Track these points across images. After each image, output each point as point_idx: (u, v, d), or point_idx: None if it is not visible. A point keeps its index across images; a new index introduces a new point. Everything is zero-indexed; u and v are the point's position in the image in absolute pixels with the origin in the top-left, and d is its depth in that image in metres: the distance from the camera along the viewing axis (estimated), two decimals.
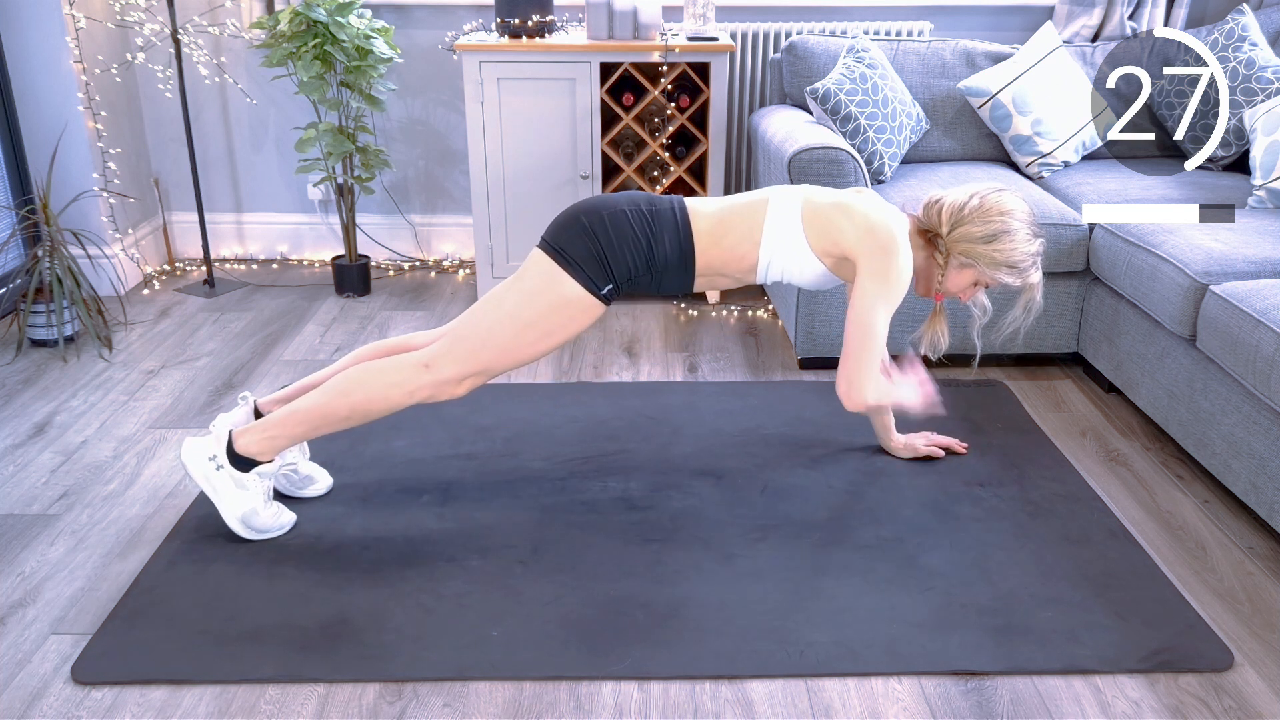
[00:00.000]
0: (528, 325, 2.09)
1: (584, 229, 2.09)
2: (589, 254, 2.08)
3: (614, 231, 2.09)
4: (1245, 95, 3.07)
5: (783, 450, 2.54)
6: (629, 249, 2.10)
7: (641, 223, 2.11)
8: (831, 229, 2.12)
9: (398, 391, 2.09)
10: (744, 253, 2.16)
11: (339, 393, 2.09)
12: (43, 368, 3.00)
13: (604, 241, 2.09)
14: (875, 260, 2.08)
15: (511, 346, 2.10)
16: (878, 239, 2.08)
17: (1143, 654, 1.85)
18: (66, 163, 3.36)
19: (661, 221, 2.12)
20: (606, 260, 2.09)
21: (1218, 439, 2.29)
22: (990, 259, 2.15)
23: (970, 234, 2.15)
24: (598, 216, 2.10)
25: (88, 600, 2.00)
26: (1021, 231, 2.15)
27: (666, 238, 2.12)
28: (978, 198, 2.17)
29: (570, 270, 2.08)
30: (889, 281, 2.08)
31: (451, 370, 2.09)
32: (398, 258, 3.96)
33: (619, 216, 2.10)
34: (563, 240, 2.10)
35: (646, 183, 3.41)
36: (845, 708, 1.75)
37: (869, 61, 3.09)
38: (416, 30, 3.67)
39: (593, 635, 1.89)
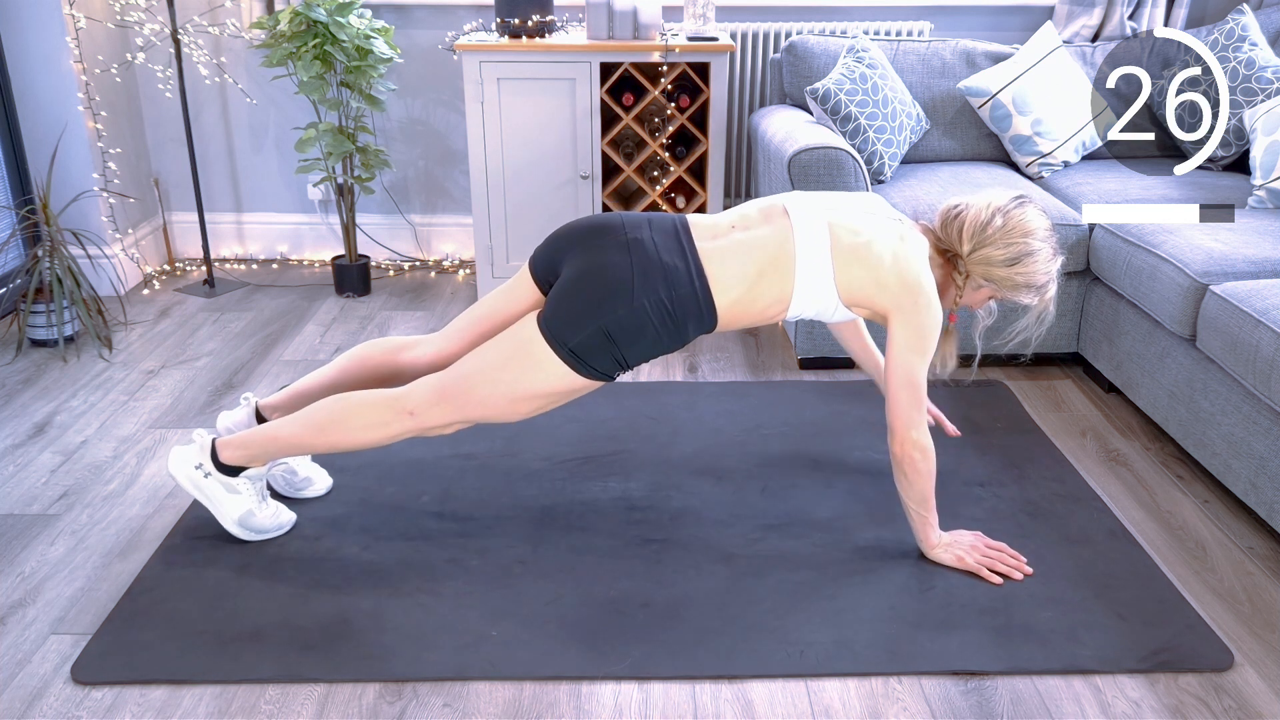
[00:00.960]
0: (525, 399, 2.00)
1: (602, 335, 1.92)
2: (608, 359, 1.96)
3: (635, 335, 1.94)
4: (1245, 95, 3.07)
5: (783, 450, 2.54)
6: (649, 346, 1.97)
7: (662, 316, 1.94)
8: (862, 287, 2.00)
9: (379, 434, 2.03)
10: (773, 314, 2.04)
11: (317, 428, 2.03)
12: (43, 368, 3.00)
13: (623, 346, 1.95)
14: (908, 317, 1.98)
15: (505, 412, 2.02)
16: (911, 298, 1.98)
17: (1143, 654, 1.85)
18: (66, 163, 3.36)
19: (683, 308, 1.95)
20: (624, 361, 1.98)
21: (1218, 439, 2.29)
22: (1011, 281, 2.05)
23: (991, 257, 2.03)
24: (615, 319, 1.92)
25: (88, 600, 2.00)
26: (1044, 251, 2.05)
27: (689, 325, 1.98)
28: (1000, 216, 2.04)
29: (582, 371, 1.96)
30: (923, 335, 1.98)
31: (437, 420, 2.02)
32: (398, 258, 3.96)
33: (640, 316, 1.92)
34: (575, 341, 1.93)
35: (646, 183, 3.41)
36: (845, 708, 1.75)
37: (869, 61, 3.09)
38: (416, 30, 3.67)
39: (593, 635, 1.89)
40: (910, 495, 2.05)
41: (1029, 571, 2.06)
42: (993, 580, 2.03)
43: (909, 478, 2.01)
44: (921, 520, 2.08)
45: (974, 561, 2.06)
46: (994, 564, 2.06)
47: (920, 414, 1.99)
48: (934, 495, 2.06)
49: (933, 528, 2.09)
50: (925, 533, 2.09)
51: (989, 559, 2.07)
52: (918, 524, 2.09)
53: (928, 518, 2.07)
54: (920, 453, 1.99)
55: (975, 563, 2.06)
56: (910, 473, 2.01)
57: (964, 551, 2.08)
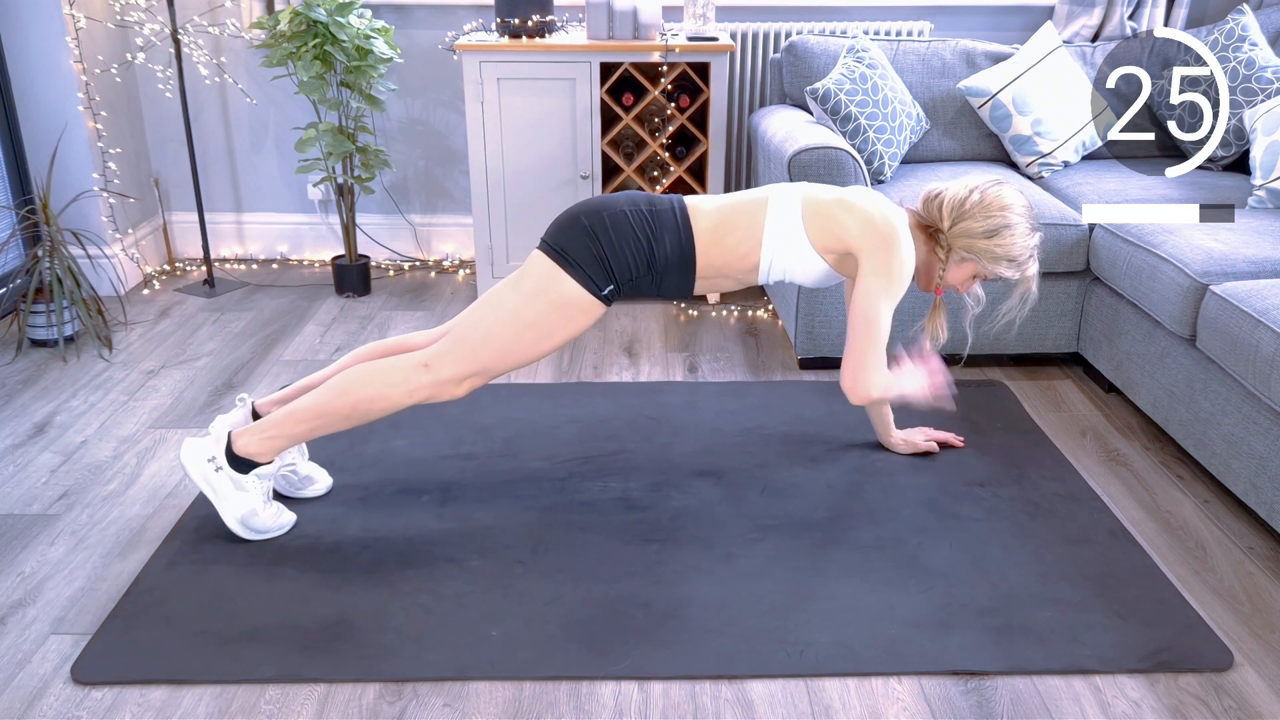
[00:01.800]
0: (528, 325, 2.09)
1: (584, 230, 2.09)
2: (590, 254, 2.08)
3: (614, 232, 2.09)
4: (1245, 95, 3.07)
5: (783, 450, 2.54)
6: (629, 249, 2.10)
7: (642, 223, 2.11)
8: (833, 225, 2.13)
9: (397, 391, 2.09)
10: (745, 251, 2.16)
11: (338, 391, 2.09)
12: (43, 368, 3.00)
13: (604, 242, 2.09)
14: (877, 254, 2.10)
15: (511, 347, 2.10)
16: (879, 233, 2.10)
17: (1143, 654, 1.85)
18: (66, 163, 3.36)
19: (662, 221, 2.12)
20: (607, 260, 2.09)
21: (1218, 439, 2.29)
22: (991, 253, 2.16)
23: (971, 229, 2.16)
24: (598, 217, 2.10)
25: (88, 600, 2.00)
26: (1021, 225, 2.17)
27: (667, 238, 2.12)
28: (978, 192, 2.18)
29: (571, 271, 2.08)
30: (891, 275, 2.09)
31: (451, 370, 2.09)
32: (398, 258, 3.96)
33: (619, 217, 2.11)
34: (563, 241, 2.10)
35: (646, 183, 3.41)
36: (845, 708, 1.75)
37: (869, 61, 3.09)
38: (416, 30, 3.67)
39: (593, 635, 1.89)
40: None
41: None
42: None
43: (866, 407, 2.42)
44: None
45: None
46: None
47: (873, 355, 2.11)
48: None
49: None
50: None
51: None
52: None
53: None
54: (862, 400, 2.16)
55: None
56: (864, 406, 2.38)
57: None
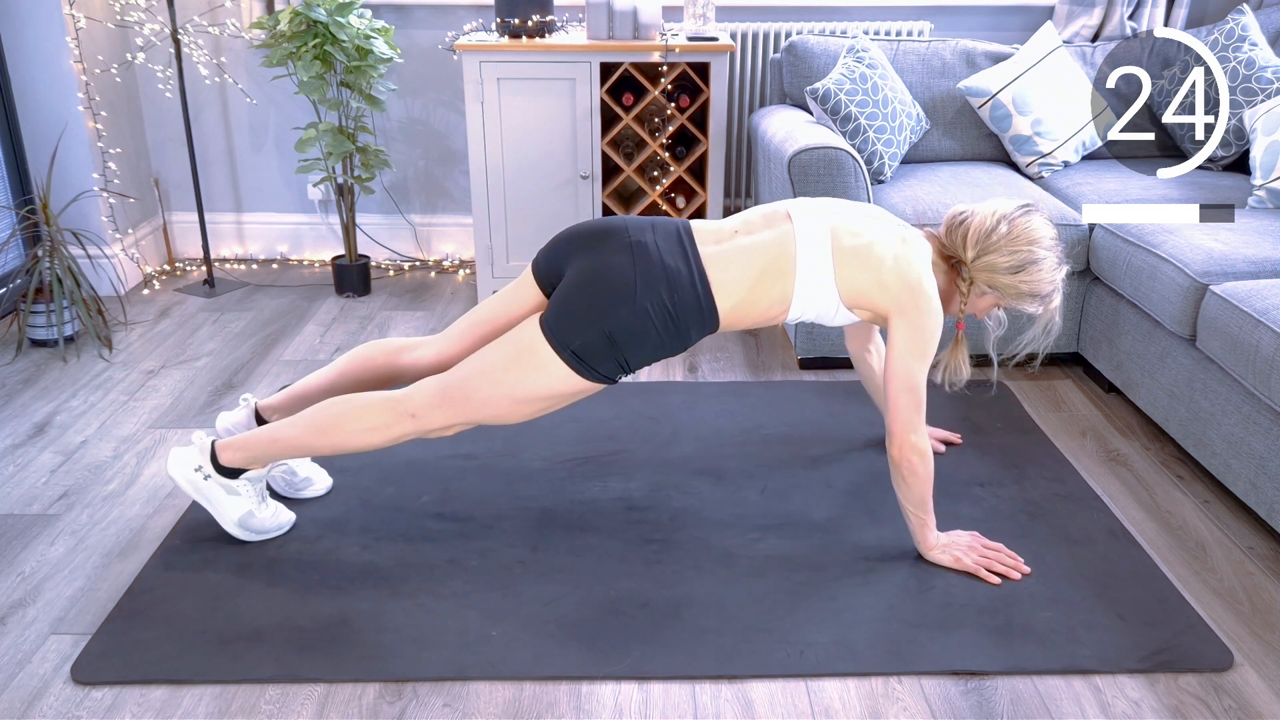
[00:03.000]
0: (527, 401, 2.00)
1: (604, 338, 1.93)
2: (611, 362, 1.96)
3: (637, 338, 1.94)
4: (1245, 95, 3.07)
5: (783, 450, 2.54)
6: (651, 349, 1.98)
7: (664, 319, 1.95)
8: (863, 288, 2.01)
9: (379, 438, 2.03)
10: (774, 315, 2.05)
11: (318, 430, 2.03)
12: (43, 368, 3.00)
13: (625, 349, 1.95)
14: (909, 320, 1.99)
15: (506, 414, 2.03)
16: (913, 300, 1.98)
17: (1143, 654, 1.85)
18: (66, 163, 3.35)
19: (685, 311, 1.96)
20: (627, 364, 1.98)
21: (1218, 439, 2.29)
22: (1015, 290, 2.05)
23: (995, 264, 2.04)
24: (618, 322, 1.92)
25: (88, 600, 2.00)
26: (1048, 260, 2.05)
27: (691, 328, 1.98)
28: (1005, 223, 2.04)
29: (584, 374, 1.96)
30: (924, 340, 1.99)
31: (439, 422, 2.03)
32: (398, 258, 3.96)
33: (642, 318, 1.93)
34: (577, 344, 1.93)
35: (646, 183, 3.41)
36: (845, 708, 1.75)
37: (869, 61, 3.09)
38: (416, 30, 3.67)
39: (593, 635, 1.89)
40: (908, 498, 2.05)
41: (1027, 571, 2.06)
42: (991, 580, 2.03)
43: (907, 481, 2.02)
44: (919, 522, 2.08)
45: (971, 562, 2.06)
46: (991, 564, 2.06)
47: (919, 418, 1.99)
48: (931, 497, 2.06)
49: (930, 529, 2.09)
50: (923, 534, 2.09)
51: (986, 559, 2.07)
52: (915, 526, 2.09)
53: (925, 520, 2.08)
54: (919, 457, 1.99)
55: (973, 564, 2.06)
56: (909, 476, 2.01)
57: (961, 552, 2.08)
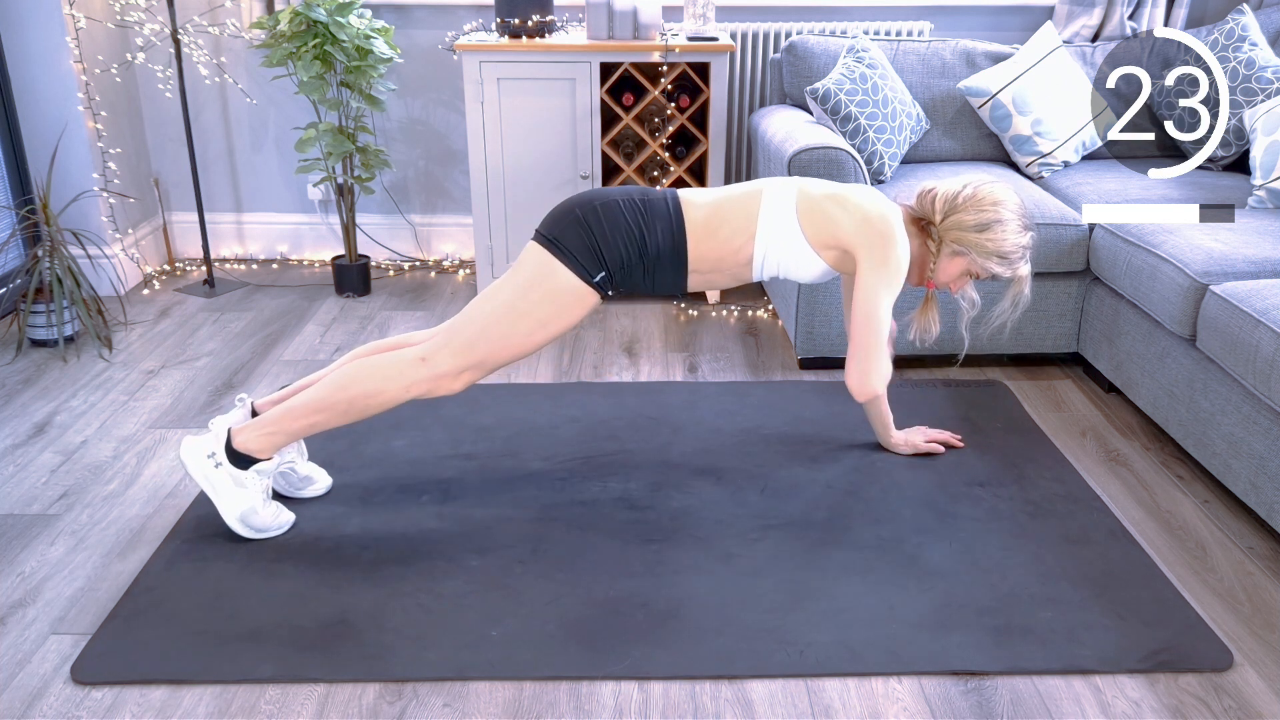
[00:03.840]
0: (523, 315, 2.11)
1: (577, 219, 2.12)
2: (582, 243, 2.11)
3: (607, 221, 2.12)
4: (1245, 95, 3.07)
5: (783, 450, 2.54)
6: (621, 237, 2.13)
7: (634, 212, 2.14)
8: (828, 222, 2.16)
9: (394, 385, 2.10)
10: (739, 245, 2.18)
11: (336, 387, 2.11)
12: (43, 368, 3.00)
13: (597, 231, 2.12)
14: (874, 250, 2.13)
15: (507, 338, 2.11)
16: (875, 228, 2.13)
17: (1143, 654, 1.85)
18: (66, 163, 3.36)
19: (654, 211, 2.16)
20: (599, 249, 2.12)
21: (1218, 439, 2.29)
22: (982, 248, 2.19)
23: (962, 222, 2.18)
24: (591, 207, 2.14)
25: (88, 600, 2.00)
26: (1013, 222, 2.20)
27: (659, 227, 2.15)
28: (970, 187, 2.21)
29: (564, 259, 2.11)
30: (889, 270, 2.13)
31: (448, 363, 2.10)
32: (398, 258, 3.96)
33: (612, 206, 2.14)
34: (556, 231, 2.13)
35: (646, 183, 3.41)
36: (845, 708, 1.75)
37: (869, 61, 3.09)
38: (416, 30, 3.67)
39: (592, 635, 1.89)
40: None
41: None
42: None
43: (864, 404, 2.35)
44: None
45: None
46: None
47: (879, 350, 2.17)
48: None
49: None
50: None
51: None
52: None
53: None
54: (875, 388, 2.22)
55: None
56: (866, 401, 2.32)
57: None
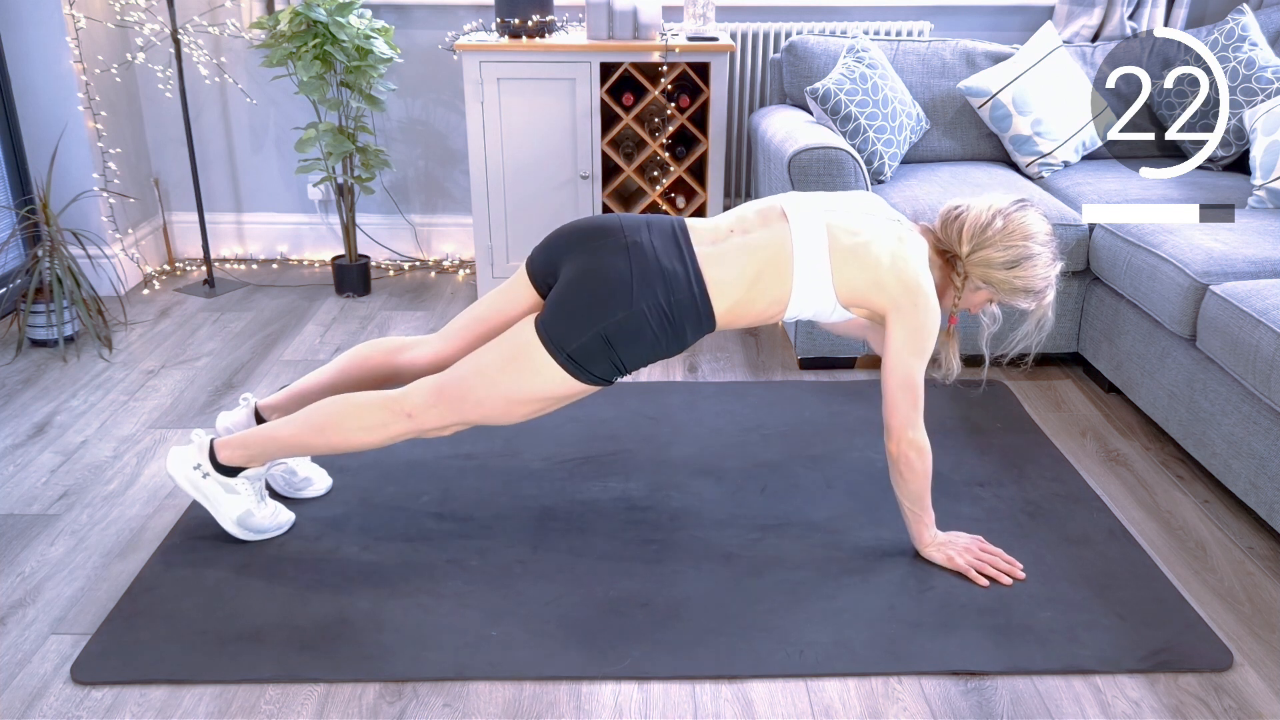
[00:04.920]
0: (522, 402, 1.99)
1: (600, 339, 1.92)
2: (606, 363, 1.95)
3: (633, 339, 1.93)
4: (1245, 95, 3.07)
5: (783, 450, 2.54)
6: (647, 351, 1.96)
7: (661, 320, 1.93)
8: (860, 287, 1.99)
9: (375, 437, 2.04)
10: (771, 315, 2.04)
11: (317, 429, 2.03)
12: (43, 368, 3.00)
13: (621, 351, 1.94)
14: (906, 317, 1.97)
15: (502, 415, 2.02)
16: (909, 298, 1.97)
17: (1143, 654, 1.85)
18: (66, 163, 3.35)
19: (681, 312, 1.94)
20: (622, 365, 1.97)
21: (1218, 439, 2.29)
22: (1009, 285, 2.04)
23: (990, 259, 2.03)
24: (614, 324, 1.91)
25: (88, 600, 2.00)
26: (1043, 256, 2.04)
27: (688, 328, 1.97)
28: (1001, 218, 2.03)
29: (580, 376, 1.96)
30: (922, 336, 1.98)
31: (434, 421, 2.02)
32: (398, 258, 3.96)
33: (638, 320, 1.91)
34: (573, 346, 1.92)
35: (646, 182, 3.41)
36: (845, 708, 1.75)
37: (869, 61, 3.09)
38: (416, 30, 3.67)
39: (592, 635, 1.89)
40: (906, 494, 2.06)
41: (1021, 577, 2.06)
42: (980, 582, 2.03)
43: (905, 477, 2.03)
44: (916, 519, 2.09)
45: (964, 562, 2.06)
46: (984, 567, 2.06)
47: (917, 414, 1.99)
48: (929, 494, 2.07)
49: (927, 526, 2.10)
50: (919, 531, 2.10)
51: (980, 561, 2.07)
52: (912, 522, 2.10)
53: (922, 516, 2.08)
54: (917, 453, 2.00)
55: (965, 564, 2.06)
56: (906, 473, 2.02)
57: (956, 552, 2.08)
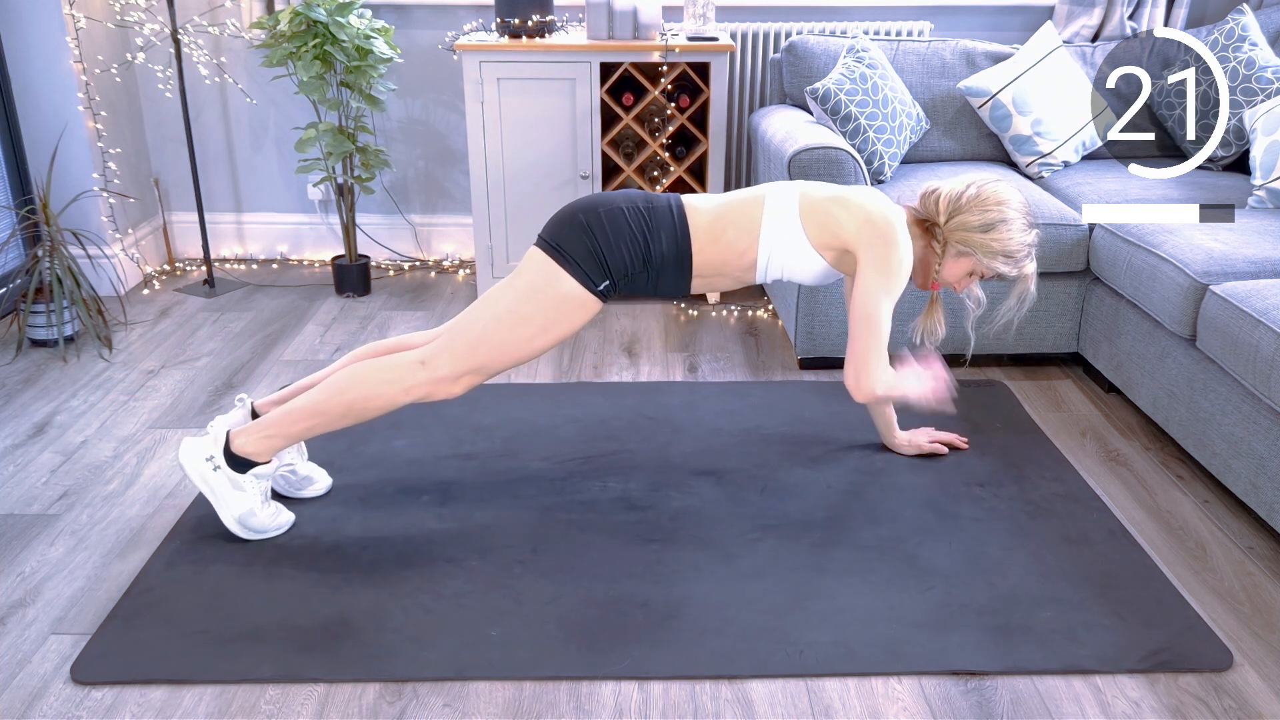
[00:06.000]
0: (524, 321, 2.09)
1: (581, 226, 2.10)
2: (586, 251, 2.09)
3: (611, 228, 2.10)
4: (1245, 95, 3.07)
5: (783, 450, 2.54)
6: (625, 246, 2.10)
7: (638, 219, 2.12)
8: (830, 222, 2.14)
9: (394, 389, 2.09)
10: (743, 249, 2.16)
11: (335, 390, 2.10)
12: (43, 368, 3.00)
13: (600, 238, 2.09)
14: (875, 251, 2.10)
15: (508, 343, 2.10)
16: (877, 229, 2.10)
17: (1143, 654, 1.86)
18: (66, 163, 3.36)
19: (658, 218, 2.13)
20: (603, 257, 2.10)
21: (1218, 439, 2.29)
22: (987, 248, 2.16)
23: (967, 223, 2.16)
24: (595, 214, 2.11)
25: (88, 600, 2.00)
26: (1017, 221, 2.17)
27: (664, 235, 2.12)
28: (974, 187, 2.18)
29: (567, 267, 2.08)
30: (890, 271, 2.09)
31: (448, 368, 2.09)
32: (398, 258, 3.96)
33: (616, 214, 2.11)
34: (560, 237, 2.10)
35: (646, 182, 3.41)
36: (845, 708, 1.75)
37: (869, 61, 3.09)
38: (416, 30, 3.67)
39: (592, 635, 1.89)
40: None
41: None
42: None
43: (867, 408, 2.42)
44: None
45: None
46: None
47: (879, 355, 2.12)
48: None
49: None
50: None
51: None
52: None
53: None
54: (874, 393, 2.15)
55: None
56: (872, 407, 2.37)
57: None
